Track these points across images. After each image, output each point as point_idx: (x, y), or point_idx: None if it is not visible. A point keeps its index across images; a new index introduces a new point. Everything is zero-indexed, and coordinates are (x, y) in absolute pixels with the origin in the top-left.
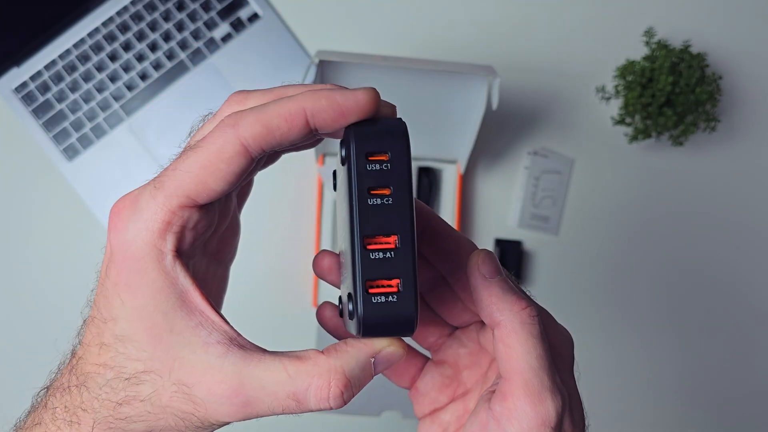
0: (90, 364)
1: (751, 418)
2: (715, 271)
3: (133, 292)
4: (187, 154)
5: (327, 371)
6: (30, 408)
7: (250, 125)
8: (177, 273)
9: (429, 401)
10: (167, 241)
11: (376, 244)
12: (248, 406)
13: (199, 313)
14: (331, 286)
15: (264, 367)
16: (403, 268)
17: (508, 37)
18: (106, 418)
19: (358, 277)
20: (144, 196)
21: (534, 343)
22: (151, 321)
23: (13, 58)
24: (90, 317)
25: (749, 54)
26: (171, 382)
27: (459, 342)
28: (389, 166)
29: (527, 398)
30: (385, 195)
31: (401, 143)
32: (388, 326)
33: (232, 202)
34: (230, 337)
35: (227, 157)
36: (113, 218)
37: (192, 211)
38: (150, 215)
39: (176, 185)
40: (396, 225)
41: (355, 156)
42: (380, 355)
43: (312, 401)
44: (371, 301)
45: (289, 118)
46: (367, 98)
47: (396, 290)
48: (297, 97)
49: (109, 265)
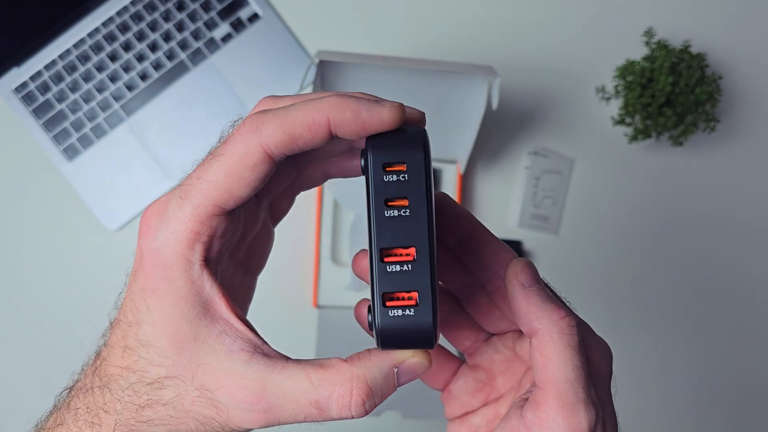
0: (113, 366)
1: (755, 417)
2: (715, 271)
3: (159, 299)
4: (210, 162)
5: (349, 379)
6: (52, 408)
7: (273, 132)
8: (203, 282)
9: (461, 404)
10: (195, 251)
11: (394, 256)
12: (270, 412)
13: (224, 321)
14: (331, 287)
15: (287, 375)
16: (421, 280)
17: (508, 37)
18: (128, 420)
19: (375, 290)
20: (171, 205)
21: (571, 354)
22: (175, 328)
23: (14, 58)
24: (116, 320)
25: (749, 54)
26: (194, 387)
27: (494, 348)
28: (406, 177)
29: (560, 409)
30: (402, 206)
31: (418, 153)
32: (405, 340)
33: (261, 210)
34: (254, 345)
35: (251, 165)
36: (143, 225)
37: (219, 219)
38: (177, 225)
39: (203, 195)
40: (414, 237)
41: (373, 167)
42: (403, 365)
43: (334, 409)
44: (388, 315)
45: (312, 127)
46: (391, 115)
47: (414, 303)
48: (322, 105)
49: (137, 270)
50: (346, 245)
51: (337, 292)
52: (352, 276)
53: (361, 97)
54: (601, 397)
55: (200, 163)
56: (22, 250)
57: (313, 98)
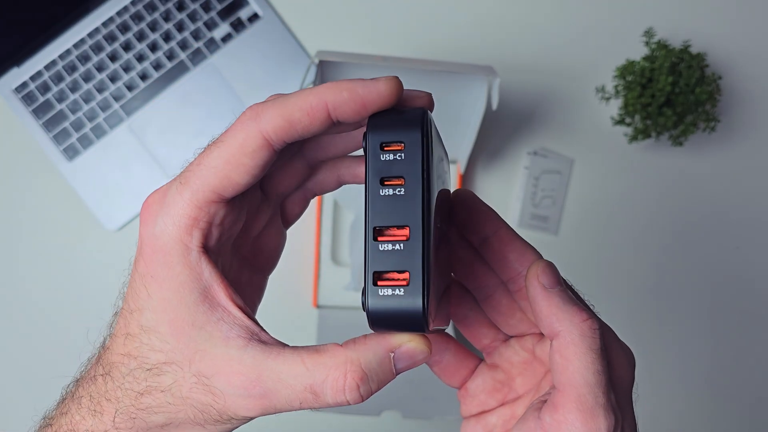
0: (116, 353)
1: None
2: (715, 271)
3: (158, 284)
4: (210, 149)
5: (343, 363)
6: (60, 398)
7: (272, 119)
8: (202, 268)
9: (478, 403)
10: (193, 237)
11: (387, 235)
12: (265, 398)
13: (222, 308)
14: (331, 287)
15: (282, 360)
16: (414, 261)
17: (508, 37)
18: (127, 408)
19: (367, 269)
20: (171, 192)
21: (593, 358)
22: (174, 313)
23: (14, 58)
24: (120, 309)
25: (749, 54)
26: (191, 374)
27: (513, 350)
28: (403, 156)
29: (579, 413)
30: (398, 185)
31: (416, 132)
32: (395, 321)
33: (268, 206)
34: (252, 332)
35: (250, 151)
36: (144, 212)
37: (218, 206)
38: (177, 210)
39: (201, 181)
40: (408, 216)
41: (370, 146)
42: (400, 350)
43: (329, 394)
44: (378, 294)
45: (310, 111)
46: (388, 88)
47: (405, 284)
48: (318, 89)
49: (138, 258)
50: (346, 245)
51: (337, 292)
52: (353, 276)
53: (355, 79)
54: (622, 403)
55: (202, 151)
56: (22, 250)
57: (311, 87)
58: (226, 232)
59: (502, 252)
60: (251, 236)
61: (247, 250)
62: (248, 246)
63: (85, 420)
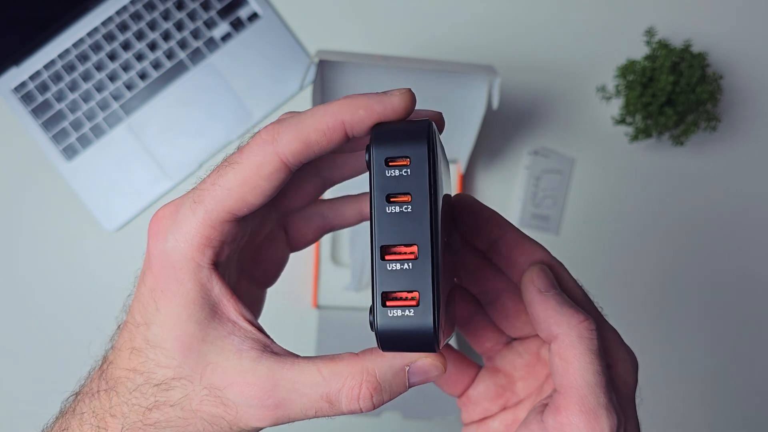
0: (120, 368)
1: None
2: (716, 271)
3: (168, 299)
4: (225, 170)
5: (360, 372)
6: (58, 413)
7: (289, 142)
8: (212, 285)
9: (480, 410)
10: (205, 255)
11: (395, 254)
12: (280, 408)
13: (232, 323)
14: (331, 288)
15: (298, 370)
16: (423, 280)
17: (509, 36)
18: (134, 424)
19: (375, 289)
20: (183, 209)
21: (591, 359)
22: (183, 329)
23: (12, 58)
24: (124, 322)
25: (750, 53)
26: (202, 386)
27: (516, 352)
28: (409, 171)
29: (582, 414)
30: (404, 202)
31: (422, 147)
32: (406, 341)
33: (270, 215)
34: (264, 344)
35: (267, 174)
36: (153, 226)
37: (231, 225)
38: (189, 229)
39: (216, 201)
40: (416, 234)
41: (375, 161)
42: (416, 365)
43: (344, 402)
44: (387, 315)
45: (327, 132)
46: (402, 102)
47: (415, 304)
48: (333, 108)
49: (146, 272)
50: (346, 246)
51: (337, 292)
52: (352, 276)
53: (369, 94)
54: (625, 405)
55: (215, 170)
56: (21, 251)
57: (326, 105)
58: (235, 246)
59: (511, 256)
60: (253, 245)
61: (248, 260)
62: (249, 255)
63: None
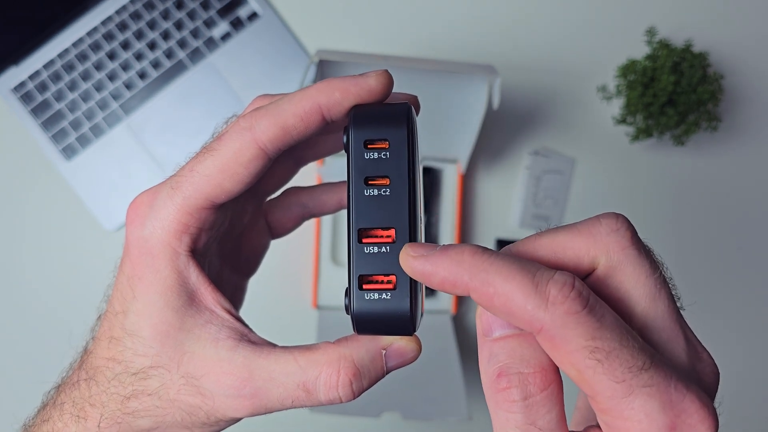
0: (99, 358)
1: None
2: (716, 271)
3: (145, 287)
4: (204, 156)
5: (336, 359)
6: (40, 405)
7: (267, 128)
8: (189, 272)
9: None
10: (182, 242)
11: (372, 237)
12: (256, 397)
13: (209, 311)
14: (331, 288)
15: (274, 359)
16: (400, 264)
17: (509, 36)
18: (113, 413)
19: (351, 272)
20: (161, 195)
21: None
22: (159, 317)
23: (12, 57)
24: (104, 312)
25: (751, 53)
26: (179, 375)
27: None
28: (388, 154)
29: None
30: (383, 185)
31: (402, 130)
32: (382, 325)
33: (249, 204)
34: (241, 333)
35: (245, 161)
36: (131, 213)
37: (209, 212)
38: (166, 215)
39: (194, 188)
40: (393, 218)
41: (354, 144)
42: (391, 348)
43: (321, 391)
44: (364, 298)
45: (305, 116)
46: (378, 83)
47: (392, 287)
48: (310, 92)
49: (124, 259)
50: (346, 246)
51: (337, 292)
52: None
53: (345, 77)
54: None
55: (193, 157)
56: (20, 250)
57: (302, 90)
58: (214, 234)
59: None
60: (234, 234)
61: (228, 248)
62: (229, 244)
63: (68, 427)
